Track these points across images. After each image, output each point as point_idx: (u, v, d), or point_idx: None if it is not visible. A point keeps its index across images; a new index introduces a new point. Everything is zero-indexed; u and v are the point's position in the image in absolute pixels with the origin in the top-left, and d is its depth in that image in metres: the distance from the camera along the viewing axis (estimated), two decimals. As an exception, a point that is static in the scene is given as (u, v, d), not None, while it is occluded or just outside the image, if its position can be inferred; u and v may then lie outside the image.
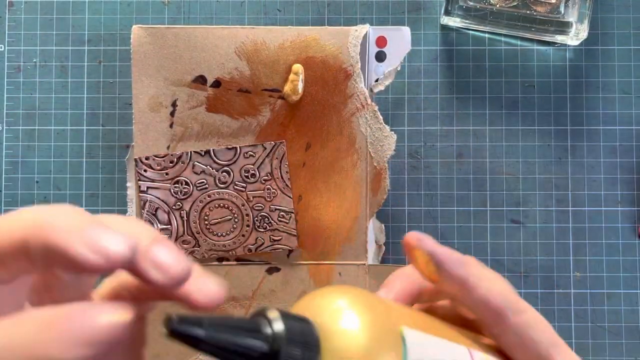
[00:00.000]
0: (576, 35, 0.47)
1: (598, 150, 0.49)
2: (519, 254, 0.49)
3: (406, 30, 0.48)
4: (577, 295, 0.49)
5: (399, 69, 0.49)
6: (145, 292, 0.24)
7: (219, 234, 0.47)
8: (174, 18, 0.50)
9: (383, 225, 0.48)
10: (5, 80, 0.50)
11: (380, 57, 0.48)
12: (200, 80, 0.46)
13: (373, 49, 0.48)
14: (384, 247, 0.48)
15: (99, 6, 0.50)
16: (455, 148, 0.50)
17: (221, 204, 0.47)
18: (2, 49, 0.50)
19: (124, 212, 0.48)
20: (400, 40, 0.48)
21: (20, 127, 0.50)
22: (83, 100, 0.50)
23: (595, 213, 0.49)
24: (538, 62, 0.50)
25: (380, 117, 0.47)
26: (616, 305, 0.49)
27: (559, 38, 0.48)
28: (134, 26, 0.46)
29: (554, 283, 0.49)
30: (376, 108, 0.47)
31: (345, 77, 0.47)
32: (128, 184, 0.48)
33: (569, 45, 0.49)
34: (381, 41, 0.48)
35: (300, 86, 0.46)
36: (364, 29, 0.47)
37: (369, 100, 0.47)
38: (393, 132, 0.47)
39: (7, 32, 0.50)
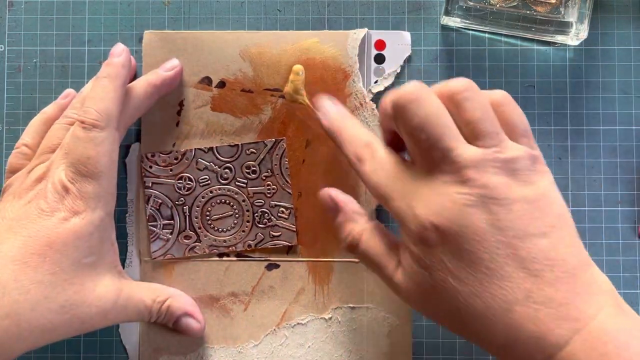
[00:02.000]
0: (576, 35, 0.48)
1: (598, 150, 0.50)
2: (519, 254, 0.50)
3: (406, 35, 0.50)
4: (577, 295, 0.50)
5: (398, 71, 0.50)
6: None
7: (220, 229, 0.49)
8: (174, 18, 0.51)
9: (383, 225, 0.50)
10: (6, 80, 0.51)
11: (379, 59, 0.50)
12: (206, 81, 0.49)
13: (372, 52, 0.50)
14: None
15: (99, 6, 0.51)
16: (456, 148, 0.50)
17: (223, 200, 0.49)
18: (2, 49, 0.51)
19: (124, 212, 0.50)
20: (399, 43, 0.51)
21: (21, 127, 0.50)
22: (83, 100, 0.51)
23: (595, 213, 0.50)
24: (538, 62, 0.50)
25: (378, 115, 0.49)
26: (616, 305, 0.50)
27: (559, 38, 0.49)
28: (145, 31, 0.50)
29: (554, 283, 0.50)
30: (374, 106, 0.49)
31: (344, 77, 0.49)
32: (128, 185, 0.50)
33: (569, 45, 0.50)
34: (380, 44, 0.50)
35: (302, 90, 0.48)
36: (362, 32, 0.50)
37: (367, 99, 0.49)
38: (390, 130, 0.49)
39: (7, 32, 0.51)
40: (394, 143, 0.41)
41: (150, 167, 0.50)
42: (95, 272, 0.43)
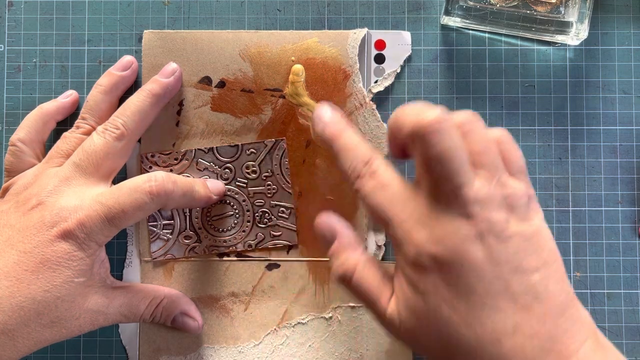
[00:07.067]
0: (576, 35, 0.48)
1: (598, 150, 0.51)
2: (519, 254, 0.50)
3: (406, 34, 0.51)
4: (577, 295, 0.48)
5: (398, 70, 0.51)
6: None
7: (221, 229, 0.50)
8: (174, 18, 0.52)
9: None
10: (5, 80, 0.52)
11: (379, 59, 0.51)
12: (206, 80, 0.50)
13: (372, 52, 0.51)
14: (384, 248, 0.50)
15: (99, 6, 0.52)
16: (456, 148, 0.51)
17: (223, 200, 0.50)
18: (2, 49, 0.52)
19: (123, 211, 0.50)
20: (399, 43, 0.51)
21: (20, 127, 0.51)
22: (83, 100, 0.51)
23: (595, 213, 0.51)
24: (538, 62, 0.51)
25: (378, 115, 0.50)
26: (616, 305, 0.50)
27: (559, 38, 0.49)
28: (145, 31, 0.50)
29: (554, 283, 0.50)
30: (374, 107, 0.50)
31: (344, 77, 0.50)
32: (128, 184, 0.51)
33: (569, 45, 0.51)
34: (380, 44, 0.51)
35: (302, 90, 0.49)
36: (362, 32, 0.50)
37: (367, 99, 0.50)
38: (390, 130, 0.50)
39: (7, 32, 0.52)
40: (400, 155, 0.41)
41: (150, 167, 0.50)
42: (86, 289, 0.44)
